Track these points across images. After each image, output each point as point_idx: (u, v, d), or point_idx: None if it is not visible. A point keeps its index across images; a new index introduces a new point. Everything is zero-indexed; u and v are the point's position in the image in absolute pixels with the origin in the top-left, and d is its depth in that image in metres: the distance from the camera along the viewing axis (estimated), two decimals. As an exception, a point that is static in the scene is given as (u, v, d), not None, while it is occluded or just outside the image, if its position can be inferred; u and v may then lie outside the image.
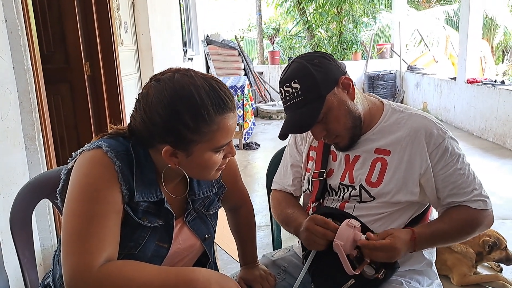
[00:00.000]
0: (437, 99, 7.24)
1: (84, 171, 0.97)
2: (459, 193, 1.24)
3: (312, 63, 1.22)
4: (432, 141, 1.25)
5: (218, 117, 0.97)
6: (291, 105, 1.23)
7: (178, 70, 1.01)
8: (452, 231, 1.25)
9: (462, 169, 1.25)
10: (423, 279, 1.34)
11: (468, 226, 1.26)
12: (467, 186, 1.24)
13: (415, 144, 1.25)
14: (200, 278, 0.93)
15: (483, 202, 1.24)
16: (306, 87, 1.21)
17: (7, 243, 1.70)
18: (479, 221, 1.25)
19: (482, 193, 1.25)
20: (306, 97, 1.21)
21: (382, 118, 1.32)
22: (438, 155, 1.24)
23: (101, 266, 0.90)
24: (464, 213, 1.24)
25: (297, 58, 1.28)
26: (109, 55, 3.26)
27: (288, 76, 1.23)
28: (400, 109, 1.34)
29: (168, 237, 1.08)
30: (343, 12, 10.75)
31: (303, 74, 1.21)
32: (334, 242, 1.15)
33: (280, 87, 1.25)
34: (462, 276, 2.39)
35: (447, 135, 1.26)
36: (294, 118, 1.24)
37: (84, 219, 0.93)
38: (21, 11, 2.00)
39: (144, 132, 1.00)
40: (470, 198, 1.24)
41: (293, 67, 1.25)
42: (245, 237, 1.43)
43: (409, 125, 1.28)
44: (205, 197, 1.18)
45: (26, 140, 2.08)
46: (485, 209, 1.24)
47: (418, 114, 1.31)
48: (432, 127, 1.26)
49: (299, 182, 1.48)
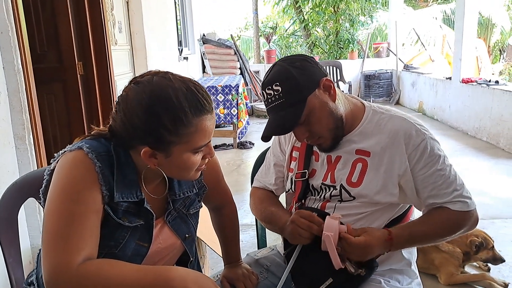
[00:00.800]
0: (433, 99, 7.26)
1: (65, 172, 0.99)
2: (439, 194, 1.25)
3: (293, 65, 1.24)
4: (411, 142, 1.26)
5: (195, 119, 0.99)
6: (273, 107, 1.25)
7: (157, 73, 1.03)
8: (432, 232, 1.27)
9: (443, 170, 1.25)
10: (403, 278, 1.36)
11: (449, 228, 1.27)
12: (447, 186, 1.24)
13: (395, 146, 1.27)
14: (177, 277, 0.95)
15: (464, 204, 1.24)
16: (288, 89, 1.22)
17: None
18: (461, 223, 1.26)
19: (463, 194, 1.25)
20: (288, 99, 1.22)
21: (363, 119, 1.34)
22: (417, 156, 1.25)
23: (79, 265, 0.92)
24: (445, 215, 1.25)
25: (279, 61, 1.30)
26: (102, 55, 3.27)
27: (270, 79, 1.25)
28: (381, 110, 1.35)
29: (148, 237, 1.10)
30: (339, 11, 10.78)
31: (285, 77, 1.23)
32: (324, 234, 1.16)
33: (262, 89, 1.27)
34: (450, 275, 2.41)
35: (426, 136, 1.27)
36: (277, 120, 1.26)
37: (64, 219, 0.95)
38: (11, 12, 2.02)
39: (124, 133, 1.02)
40: (450, 199, 1.24)
41: (274, 70, 1.26)
42: (228, 236, 1.45)
43: (389, 126, 1.29)
44: (185, 197, 1.20)
45: (16, 139, 2.10)
46: (467, 210, 1.24)
47: (398, 116, 1.33)
48: (411, 128, 1.27)
49: (281, 182, 1.50)
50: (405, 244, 1.27)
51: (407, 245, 1.29)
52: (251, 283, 1.36)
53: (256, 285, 1.37)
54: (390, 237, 1.21)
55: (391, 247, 1.22)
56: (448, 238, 1.32)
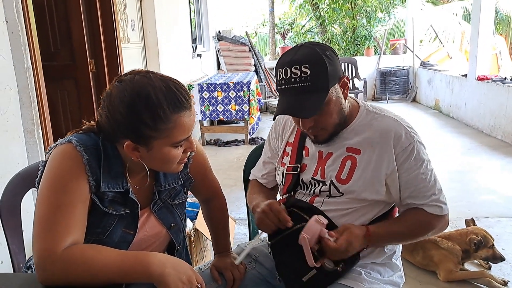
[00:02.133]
0: (449, 96, 7.18)
1: (54, 163, 1.07)
2: (418, 196, 1.30)
3: (324, 53, 1.23)
4: (400, 144, 1.29)
5: (174, 116, 1.06)
6: (295, 88, 1.22)
7: (139, 72, 1.10)
8: (406, 231, 1.33)
9: (425, 174, 1.30)
10: (385, 270, 1.40)
11: (421, 229, 1.34)
12: (426, 190, 1.30)
13: (384, 145, 1.30)
14: (156, 261, 1.02)
15: (439, 208, 1.31)
16: (316, 74, 1.21)
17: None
18: (433, 225, 1.33)
19: (440, 199, 1.31)
20: (314, 84, 1.21)
21: (357, 118, 1.37)
22: (403, 158, 1.29)
23: (65, 249, 0.99)
24: (420, 216, 1.31)
25: (308, 44, 1.27)
26: (113, 53, 3.38)
27: (299, 58, 1.21)
28: (374, 110, 1.38)
29: (134, 225, 1.18)
30: (356, 8, 10.70)
31: (316, 62, 1.21)
32: (301, 234, 1.21)
33: (286, 67, 1.22)
34: (449, 272, 2.43)
35: (414, 139, 1.31)
36: (297, 102, 1.23)
37: (52, 206, 1.03)
38: (21, 12, 2.12)
39: (108, 128, 1.09)
40: (427, 202, 1.30)
41: (304, 51, 1.23)
42: (218, 227, 1.51)
43: (380, 126, 1.33)
44: (171, 188, 1.26)
45: (25, 133, 2.21)
46: (440, 214, 1.31)
47: (390, 116, 1.36)
48: (401, 130, 1.31)
49: (269, 176, 1.56)
50: (382, 241, 1.32)
51: (384, 242, 1.34)
52: (238, 272, 1.41)
53: (243, 274, 1.42)
54: (368, 234, 1.26)
55: (369, 243, 1.28)
56: (419, 239, 1.40)
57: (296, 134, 1.48)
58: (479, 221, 3.11)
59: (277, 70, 1.26)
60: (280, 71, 1.24)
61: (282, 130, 1.53)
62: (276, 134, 1.55)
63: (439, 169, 4.67)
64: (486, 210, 3.41)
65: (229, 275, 1.40)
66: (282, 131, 1.53)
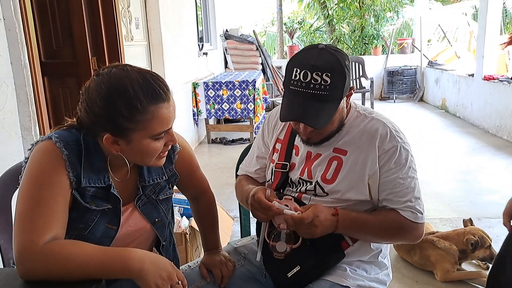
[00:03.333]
0: (456, 96, 7.13)
1: (34, 159, 1.09)
2: (393, 200, 1.28)
3: (345, 64, 1.22)
4: (383, 146, 1.29)
5: (151, 107, 1.07)
6: (311, 94, 1.20)
7: (117, 65, 1.12)
8: (376, 225, 1.29)
9: (403, 179, 1.28)
10: (371, 268, 1.40)
11: (391, 228, 1.30)
12: (402, 195, 1.28)
13: (369, 147, 1.30)
14: (135, 257, 1.02)
15: (414, 214, 1.27)
16: (335, 85, 1.20)
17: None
18: (404, 229, 1.29)
19: (415, 206, 1.28)
20: (331, 94, 1.20)
21: (347, 119, 1.36)
22: (384, 160, 1.29)
23: (44, 244, 1.00)
24: (392, 215, 1.29)
25: (329, 48, 1.24)
26: (115, 51, 3.40)
27: (322, 65, 1.19)
28: (364, 113, 1.37)
29: (116, 220, 1.19)
30: (365, 7, 10.65)
31: (338, 72, 1.20)
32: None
33: (307, 70, 1.18)
34: (445, 272, 2.42)
35: (399, 143, 1.29)
36: (311, 110, 1.22)
37: (31, 202, 1.04)
38: (18, 10, 2.15)
39: (88, 122, 1.11)
40: (401, 207, 1.28)
41: (328, 57, 1.21)
42: (207, 225, 1.52)
43: (367, 128, 1.32)
44: (155, 184, 1.27)
45: (23, 130, 2.24)
46: (414, 221, 1.27)
47: (378, 119, 1.35)
48: (386, 132, 1.30)
49: (262, 172, 1.55)
50: (350, 225, 1.28)
51: (352, 228, 1.30)
52: (227, 269, 1.42)
53: (232, 271, 1.43)
54: (336, 212, 1.25)
55: (338, 223, 1.24)
56: (387, 241, 1.37)
57: (286, 131, 1.48)
58: (480, 221, 3.09)
59: (293, 68, 1.21)
60: (296, 70, 1.20)
61: (274, 126, 1.53)
62: (268, 129, 1.54)
63: (443, 168, 4.64)
64: (488, 210, 3.37)
65: (217, 272, 1.41)
66: (274, 126, 1.52)
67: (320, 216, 1.21)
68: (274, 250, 1.25)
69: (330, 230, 1.25)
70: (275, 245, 1.24)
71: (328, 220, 1.23)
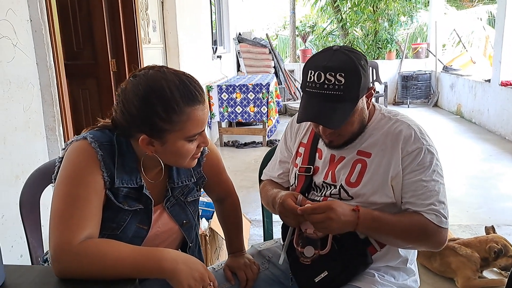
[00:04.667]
0: (471, 101, 7.06)
1: (70, 159, 1.10)
2: (416, 202, 1.25)
3: (360, 63, 1.21)
4: (407, 147, 1.27)
5: (187, 108, 1.07)
6: (325, 95, 1.19)
7: (153, 67, 1.12)
8: (399, 226, 1.24)
9: (427, 182, 1.25)
10: (399, 274, 1.38)
11: (415, 229, 1.24)
12: (425, 198, 1.24)
13: (394, 149, 1.28)
14: (168, 258, 1.03)
15: (438, 217, 1.23)
16: (350, 85, 1.19)
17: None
18: (428, 232, 1.23)
19: (439, 210, 1.23)
20: (346, 94, 1.19)
21: (371, 122, 1.35)
22: (407, 161, 1.26)
23: (80, 242, 1.01)
24: (416, 217, 1.24)
25: (343, 48, 1.24)
26: (134, 53, 3.43)
27: (335, 65, 1.18)
28: (389, 115, 1.36)
29: (147, 220, 1.19)
30: (378, 11, 10.61)
31: (352, 72, 1.19)
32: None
33: (320, 71, 1.19)
34: (467, 279, 2.39)
35: (424, 146, 1.27)
36: (326, 110, 1.21)
37: (67, 200, 1.05)
38: (45, 11, 2.18)
39: (123, 123, 1.11)
40: (424, 210, 1.24)
41: (341, 58, 1.20)
42: (231, 227, 1.52)
43: (392, 130, 1.31)
44: (184, 186, 1.28)
45: (47, 130, 2.26)
46: (438, 224, 1.23)
47: (403, 120, 1.33)
48: (411, 134, 1.28)
49: (285, 176, 1.54)
50: (371, 223, 1.23)
51: (374, 227, 1.25)
52: (252, 272, 1.41)
53: (256, 274, 1.42)
54: (357, 208, 1.21)
55: (358, 220, 1.21)
56: (409, 244, 1.30)
57: (310, 135, 1.47)
58: (499, 229, 3.04)
59: (308, 71, 1.23)
60: (311, 73, 1.21)
61: (297, 130, 1.52)
62: (291, 134, 1.54)
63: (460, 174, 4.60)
64: (507, 217, 3.34)
65: (242, 275, 1.40)
66: (297, 131, 1.52)
67: (336, 209, 1.18)
68: (302, 255, 1.24)
69: (349, 226, 1.21)
70: (303, 250, 1.24)
71: (347, 216, 1.19)
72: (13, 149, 2.07)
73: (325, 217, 1.18)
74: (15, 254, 2.07)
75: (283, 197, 1.29)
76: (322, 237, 1.26)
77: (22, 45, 2.12)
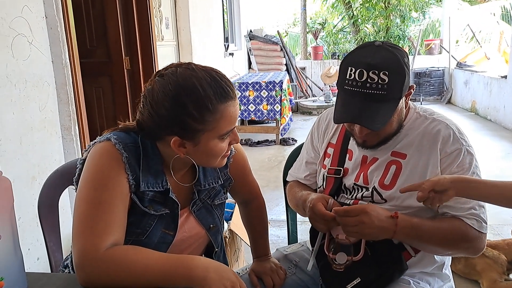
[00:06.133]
0: (487, 98, 6.95)
1: (94, 161, 1.04)
2: (455, 206, 1.19)
3: (404, 60, 1.15)
4: (445, 148, 1.21)
5: (220, 106, 1.02)
6: (368, 94, 1.13)
7: (180, 64, 1.06)
8: (439, 232, 1.19)
9: None
10: (434, 280, 1.32)
11: (455, 235, 1.19)
12: (465, 202, 1.18)
13: (431, 150, 1.23)
14: (199, 265, 0.97)
15: (478, 223, 1.17)
16: (394, 84, 1.13)
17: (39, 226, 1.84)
18: (469, 237, 1.18)
19: (479, 214, 1.18)
20: (389, 93, 1.13)
21: (405, 121, 1.29)
22: (446, 163, 1.21)
23: (107, 249, 0.96)
24: (456, 223, 1.19)
25: (386, 45, 1.18)
26: (148, 51, 3.39)
27: (380, 63, 1.12)
28: (425, 114, 1.30)
29: (173, 225, 1.14)
30: (390, 7, 10.49)
31: (396, 70, 1.13)
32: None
33: (362, 68, 1.13)
34: (492, 282, 2.32)
35: (463, 146, 1.22)
36: (367, 111, 1.15)
37: (92, 204, 0.99)
38: (60, 8, 2.14)
39: (152, 125, 1.05)
40: (464, 214, 1.18)
41: (385, 55, 1.14)
42: (256, 230, 1.46)
43: (429, 130, 1.25)
44: (210, 188, 1.22)
45: (63, 130, 2.22)
46: (478, 230, 1.17)
47: (440, 120, 1.28)
48: (450, 134, 1.23)
49: (312, 178, 1.49)
50: (410, 231, 1.17)
51: (412, 234, 1.19)
52: (278, 277, 1.36)
53: (283, 280, 1.37)
54: (396, 215, 1.15)
55: (396, 227, 1.14)
56: (448, 251, 1.25)
57: (339, 135, 1.41)
58: (522, 229, 2.97)
59: (347, 67, 1.16)
60: (352, 70, 1.14)
61: (325, 130, 1.46)
62: (319, 134, 1.48)
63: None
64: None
65: (268, 281, 1.35)
66: (325, 130, 1.46)
67: (371, 213, 1.12)
68: (333, 262, 1.19)
69: (386, 234, 1.15)
70: (335, 257, 1.18)
71: (382, 221, 1.13)
72: (29, 149, 2.04)
73: (357, 220, 1.12)
74: (32, 257, 2.04)
75: (313, 201, 1.23)
76: (355, 242, 1.20)
77: (38, 43, 2.08)
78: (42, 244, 1.38)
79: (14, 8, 1.95)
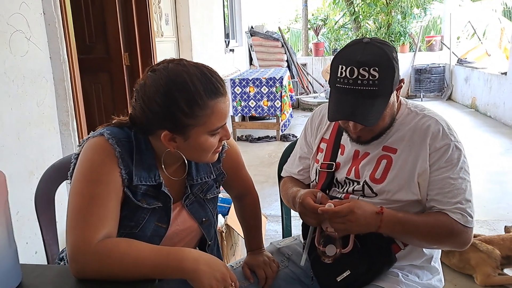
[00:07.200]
0: (487, 95, 6.95)
1: (87, 156, 1.06)
2: (442, 200, 1.21)
3: (393, 56, 1.16)
4: (435, 143, 1.23)
5: (210, 102, 1.04)
6: (359, 91, 1.15)
7: (172, 60, 1.08)
8: (423, 227, 1.20)
9: (454, 179, 1.21)
10: (423, 273, 1.34)
11: (440, 230, 1.21)
12: (452, 196, 1.20)
13: (421, 145, 1.24)
14: (190, 257, 0.99)
15: (463, 217, 1.18)
16: (384, 79, 1.14)
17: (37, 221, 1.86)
18: (454, 232, 1.19)
19: (465, 209, 1.19)
20: (380, 89, 1.15)
21: (397, 116, 1.31)
22: (435, 158, 1.23)
23: (99, 242, 0.98)
24: (442, 218, 1.20)
25: (375, 41, 1.19)
26: (147, 47, 3.40)
27: (369, 59, 1.13)
28: (415, 110, 1.32)
29: (166, 218, 1.16)
30: (391, 3, 10.46)
31: (386, 66, 1.15)
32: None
33: (353, 66, 1.14)
34: (486, 276, 2.33)
35: (452, 142, 1.24)
36: (360, 107, 1.17)
37: (85, 198, 1.01)
38: (58, 5, 2.15)
39: (144, 120, 1.07)
40: (450, 209, 1.19)
41: (374, 51, 1.15)
42: (250, 224, 1.48)
43: (419, 126, 1.27)
44: (203, 183, 1.24)
45: (60, 125, 2.24)
46: (463, 224, 1.18)
47: (430, 116, 1.29)
48: (439, 130, 1.24)
49: (305, 173, 1.51)
50: (394, 226, 1.19)
51: (397, 228, 1.21)
52: (271, 270, 1.38)
53: (276, 272, 1.39)
54: (381, 211, 1.17)
55: (381, 223, 1.17)
56: (433, 245, 1.27)
57: (332, 130, 1.43)
58: (518, 225, 2.98)
59: (338, 65, 1.17)
60: (342, 68, 1.16)
61: (318, 125, 1.48)
62: (312, 129, 1.50)
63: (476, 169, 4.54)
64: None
65: (261, 273, 1.37)
66: (318, 126, 1.48)
67: (356, 212, 1.14)
68: (323, 254, 1.21)
69: (370, 228, 1.18)
70: (325, 249, 1.20)
71: (368, 218, 1.16)
72: (27, 144, 2.06)
73: (345, 219, 1.15)
74: (30, 251, 2.06)
75: (303, 196, 1.25)
76: (344, 235, 1.22)
77: (36, 39, 2.09)
78: (40, 238, 1.40)
79: (12, 5, 1.96)
